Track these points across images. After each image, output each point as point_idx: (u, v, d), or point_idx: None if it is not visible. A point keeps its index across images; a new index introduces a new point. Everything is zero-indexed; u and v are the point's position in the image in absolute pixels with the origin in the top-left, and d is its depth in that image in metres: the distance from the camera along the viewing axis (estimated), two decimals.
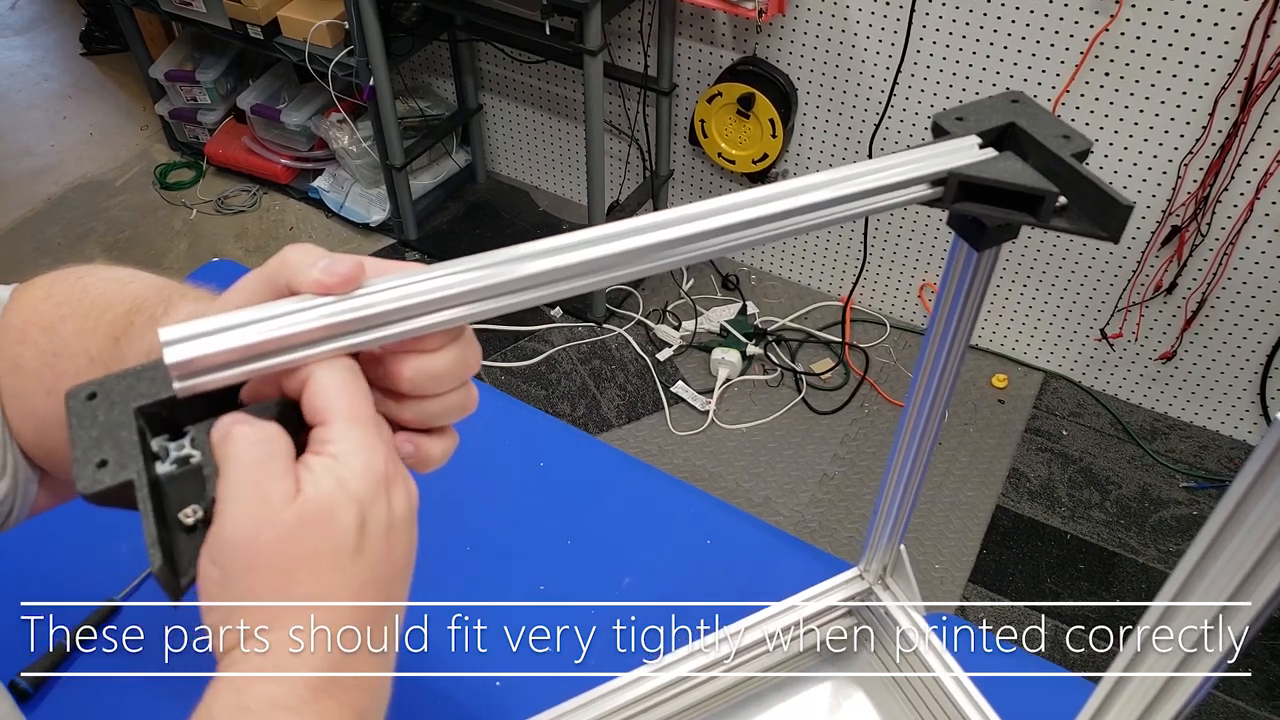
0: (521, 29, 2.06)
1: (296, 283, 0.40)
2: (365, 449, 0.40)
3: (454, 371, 0.43)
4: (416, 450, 0.44)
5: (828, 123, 2.23)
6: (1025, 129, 0.53)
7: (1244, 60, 1.72)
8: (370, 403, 0.41)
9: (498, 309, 0.43)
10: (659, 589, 0.93)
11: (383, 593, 0.40)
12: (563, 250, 0.43)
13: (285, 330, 0.39)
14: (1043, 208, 0.50)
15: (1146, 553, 1.99)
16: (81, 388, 0.39)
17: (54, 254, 2.71)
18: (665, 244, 0.44)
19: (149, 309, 0.48)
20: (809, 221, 0.48)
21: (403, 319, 0.40)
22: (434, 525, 0.96)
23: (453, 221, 2.77)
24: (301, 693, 0.37)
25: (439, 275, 0.41)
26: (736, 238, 0.47)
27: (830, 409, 2.27)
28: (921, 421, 0.68)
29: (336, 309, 0.39)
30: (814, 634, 0.87)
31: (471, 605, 0.91)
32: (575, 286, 0.44)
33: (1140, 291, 2.09)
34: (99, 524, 0.51)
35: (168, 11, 2.56)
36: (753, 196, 0.47)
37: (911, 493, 0.74)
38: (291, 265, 0.40)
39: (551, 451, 1.05)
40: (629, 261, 0.44)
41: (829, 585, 0.84)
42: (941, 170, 0.50)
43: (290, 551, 0.38)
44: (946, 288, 0.60)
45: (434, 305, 0.41)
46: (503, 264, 0.42)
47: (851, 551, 2.00)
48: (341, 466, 0.39)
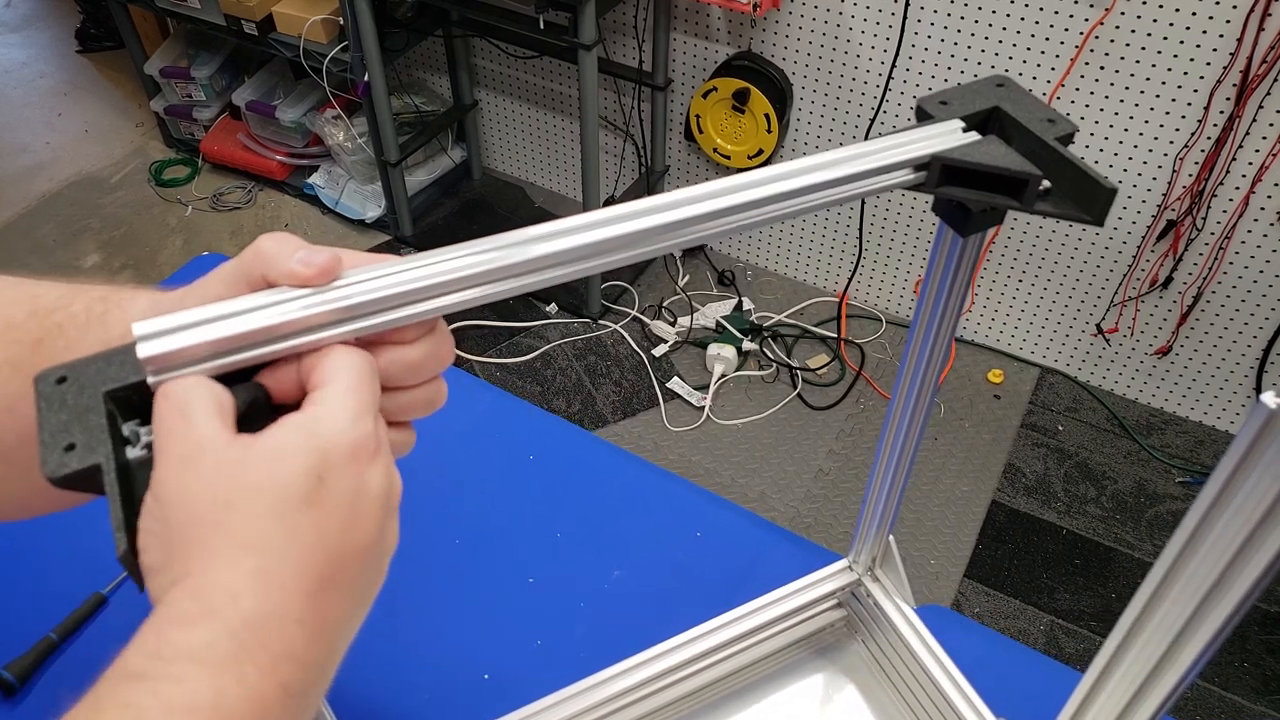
0: (516, 24, 2.05)
1: (272, 274, 0.39)
2: (351, 413, 0.38)
3: (427, 364, 0.43)
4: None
5: (823, 117, 2.23)
6: (1009, 113, 0.53)
7: (1239, 53, 1.71)
8: (378, 394, 0.40)
9: (480, 298, 0.42)
10: (649, 581, 0.92)
11: (333, 564, 0.37)
12: (542, 239, 0.43)
13: (261, 323, 0.38)
14: (1026, 191, 0.50)
15: (1142, 548, 1.98)
16: (51, 371, 0.38)
17: (48, 251, 2.70)
18: (641, 233, 0.44)
19: (79, 307, 0.45)
20: (798, 205, 0.48)
21: (382, 310, 0.40)
22: (422, 518, 0.96)
23: (448, 218, 2.76)
24: (222, 649, 0.34)
25: (417, 266, 0.41)
26: (722, 223, 0.46)
27: (826, 404, 2.27)
28: (909, 411, 0.68)
29: (314, 300, 0.39)
30: (804, 625, 0.86)
31: (460, 598, 0.91)
32: (556, 275, 0.43)
33: (1136, 286, 2.09)
34: (85, 515, 0.50)
35: (163, 8, 2.56)
36: (739, 182, 0.47)
37: (899, 483, 0.74)
38: (266, 256, 0.40)
39: (541, 444, 1.04)
40: (608, 250, 0.44)
41: (818, 577, 0.84)
42: (925, 154, 0.50)
43: (226, 486, 0.35)
44: (932, 275, 0.60)
45: (413, 296, 0.40)
46: (485, 252, 0.42)
47: (847, 548, 1.99)
48: (315, 421, 0.37)
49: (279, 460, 0.36)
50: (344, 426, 0.38)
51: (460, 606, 0.90)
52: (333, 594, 0.37)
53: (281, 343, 0.39)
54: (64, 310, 0.44)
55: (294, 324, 0.39)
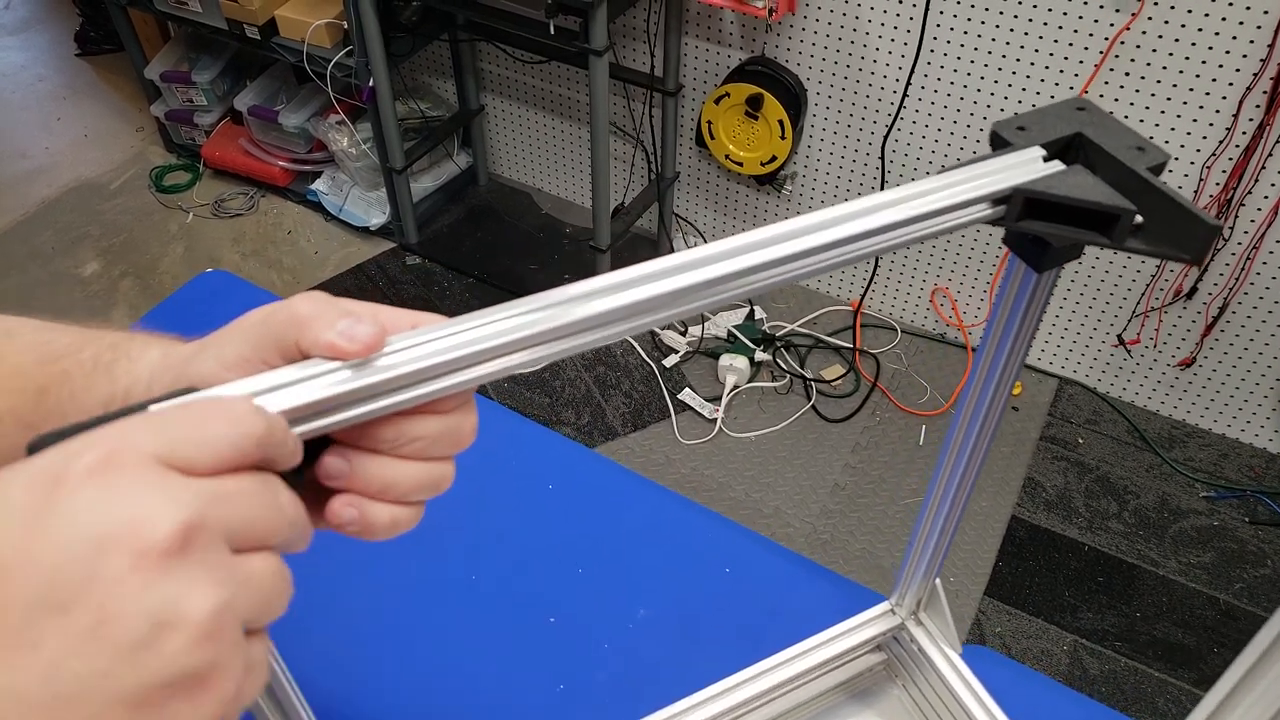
0: (525, 29, 2.01)
1: (307, 343, 0.35)
2: (162, 492, 0.28)
3: (456, 437, 0.38)
4: (360, 516, 0.37)
5: (838, 124, 2.18)
6: (1094, 139, 0.48)
7: (1270, 60, 1.67)
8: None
9: (531, 360, 0.38)
10: (675, 621, 0.88)
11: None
12: (596, 295, 0.38)
13: (293, 402, 0.34)
14: (1118, 227, 0.45)
15: (1167, 565, 1.94)
16: (47, 437, 0.34)
17: (47, 259, 2.66)
18: (708, 283, 0.40)
19: (88, 354, 0.41)
20: (869, 247, 0.44)
21: (423, 380, 0.36)
22: (438, 549, 0.92)
23: (454, 225, 2.71)
24: None
25: (463, 330, 0.36)
26: (789, 269, 0.42)
27: (841, 416, 2.22)
28: (968, 449, 0.63)
29: (351, 375, 0.34)
30: (841, 671, 0.82)
31: (479, 637, 0.86)
32: (618, 331, 0.39)
33: (1159, 297, 2.04)
34: None
35: (163, 11, 2.51)
36: (808, 224, 0.42)
37: (952, 524, 0.69)
38: (303, 322, 0.35)
39: (561, 473, 0.99)
40: (673, 303, 0.39)
41: (859, 621, 0.79)
42: (1005, 188, 0.46)
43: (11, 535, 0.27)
44: (1001, 310, 0.55)
45: (461, 363, 0.36)
46: (537, 311, 0.37)
47: (865, 564, 1.95)
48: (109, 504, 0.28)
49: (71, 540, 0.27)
50: (147, 513, 0.28)
51: (480, 646, 0.86)
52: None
53: (309, 423, 0.34)
54: (72, 357, 0.41)
55: (328, 401, 0.34)
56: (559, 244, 2.62)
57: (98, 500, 0.27)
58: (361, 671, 0.83)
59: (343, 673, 0.83)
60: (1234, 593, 1.88)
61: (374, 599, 0.88)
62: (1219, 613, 1.86)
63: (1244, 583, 1.90)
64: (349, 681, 0.82)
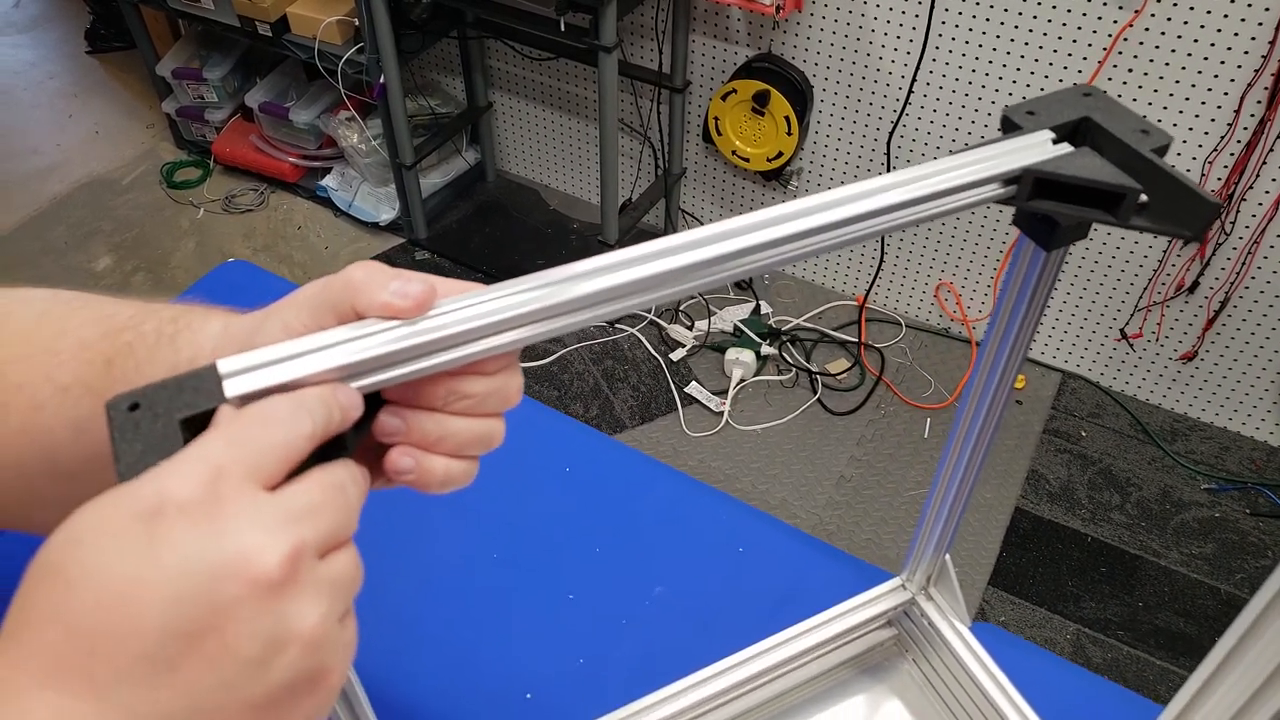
0: (534, 25, 2.03)
1: (363, 305, 0.37)
2: (274, 522, 0.31)
3: (504, 396, 0.41)
4: (416, 465, 0.39)
5: (844, 120, 2.20)
6: (1100, 123, 0.50)
7: (1271, 57, 1.69)
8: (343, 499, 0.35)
9: (572, 324, 0.40)
10: (691, 599, 0.90)
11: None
12: (632, 263, 0.40)
13: (350, 358, 0.36)
14: (1123, 205, 0.48)
15: (1169, 555, 1.96)
16: (123, 398, 0.36)
17: (60, 254, 2.68)
18: (722, 257, 0.42)
19: (150, 327, 0.43)
20: (878, 226, 0.46)
21: (475, 339, 0.38)
22: (460, 531, 0.94)
23: (462, 220, 2.74)
24: None
25: (509, 294, 0.38)
26: (799, 246, 0.44)
27: (846, 410, 2.24)
28: (976, 428, 0.66)
29: (404, 333, 0.37)
30: (852, 645, 0.84)
31: (502, 614, 0.89)
32: (645, 300, 0.41)
33: (1161, 291, 2.06)
34: None
35: (174, 8, 2.54)
36: (815, 203, 0.44)
37: (961, 503, 0.72)
38: (358, 286, 0.37)
39: (578, 456, 1.02)
40: (691, 276, 0.42)
41: (871, 596, 0.81)
42: (1016, 168, 0.48)
43: (127, 570, 0.29)
44: (1010, 289, 0.58)
45: (503, 325, 0.38)
46: (592, 275, 0.40)
47: (871, 555, 1.97)
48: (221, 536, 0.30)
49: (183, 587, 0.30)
50: (256, 547, 0.31)
51: (501, 622, 0.88)
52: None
53: (367, 378, 0.37)
54: (134, 330, 0.43)
55: (385, 359, 0.37)
56: (566, 239, 2.65)
57: (206, 534, 0.30)
58: (396, 643, 0.85)
59: (376, 646, 0.85)
60: (1235, 583, 1.91)
61: (403, 575, 0.91)
62: (1220, 602, 1.88)
63: (1245, 573, 1.92)
64: (384, 654, 0.85)
